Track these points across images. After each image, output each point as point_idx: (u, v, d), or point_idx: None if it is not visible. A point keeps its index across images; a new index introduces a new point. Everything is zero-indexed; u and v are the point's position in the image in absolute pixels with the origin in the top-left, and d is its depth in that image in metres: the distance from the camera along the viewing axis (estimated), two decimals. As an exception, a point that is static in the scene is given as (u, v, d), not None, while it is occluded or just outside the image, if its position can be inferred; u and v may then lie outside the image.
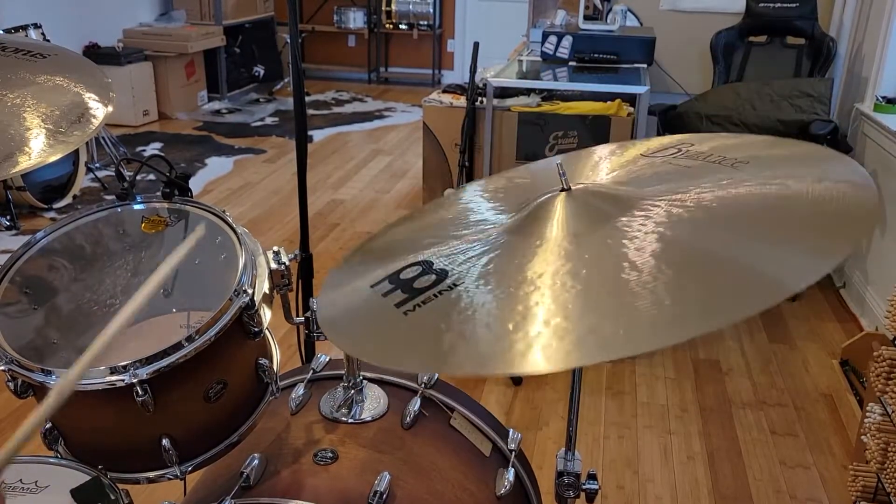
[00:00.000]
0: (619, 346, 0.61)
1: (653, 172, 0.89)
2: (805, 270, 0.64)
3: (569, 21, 4.11)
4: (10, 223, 3.88)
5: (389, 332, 0.75)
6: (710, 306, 0.62)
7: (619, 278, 0.69)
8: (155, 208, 1.14)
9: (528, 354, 0.64)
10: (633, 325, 0.63)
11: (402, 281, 0.82)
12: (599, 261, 0.72)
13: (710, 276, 0.67)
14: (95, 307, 1.01)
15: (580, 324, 0.65)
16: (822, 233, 0.69)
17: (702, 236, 0.73)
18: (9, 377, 0.95)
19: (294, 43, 1.85)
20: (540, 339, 0.65)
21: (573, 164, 1.03)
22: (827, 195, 0.75)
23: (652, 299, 0.65)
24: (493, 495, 1.07)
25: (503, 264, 0.78)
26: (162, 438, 0.95)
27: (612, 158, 1.00)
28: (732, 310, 0.61)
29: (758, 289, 0.64)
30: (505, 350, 0.65)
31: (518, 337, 0.66)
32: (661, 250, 0.71)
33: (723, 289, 0.65)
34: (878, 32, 3.42)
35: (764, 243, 0.70)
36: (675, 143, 0.98)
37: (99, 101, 1.18)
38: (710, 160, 0.88)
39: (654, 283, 0.67)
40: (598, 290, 0.68)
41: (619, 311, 0.65)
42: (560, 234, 0.79)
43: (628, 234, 0.75)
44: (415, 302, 0.77)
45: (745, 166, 0.84)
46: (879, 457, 1.99)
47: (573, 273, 0.72)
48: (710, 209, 0.77)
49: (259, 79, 6.96)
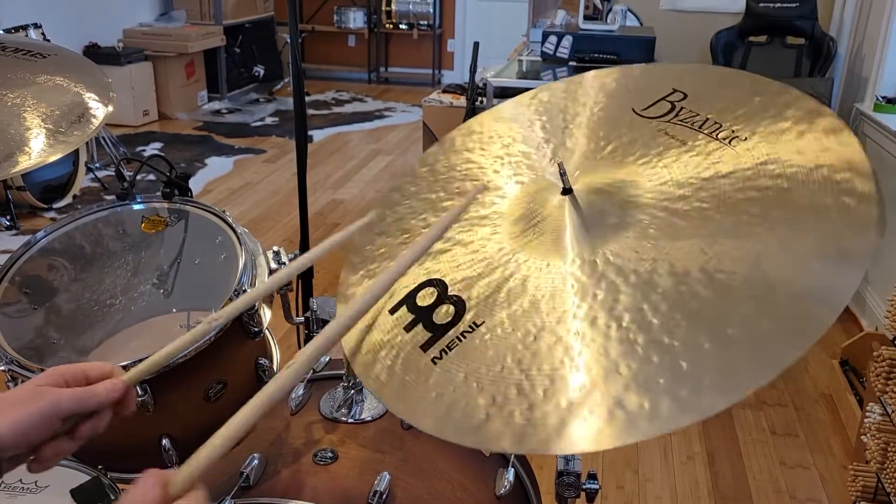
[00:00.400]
0: (645, 426, 0.59)
1: (650, 153, 0.88)
2: (838, 284, 0.62)
3: (569, 21, 4.10)
4: (10, 223, 3.88)
5: (424, 387, 0.72)
6: (729, 375, 0.60)
7: (634, 331, 0.66)
8: (155, 208, 1.14)
9: (563, 431, 0.62)
10: (655, 397, 0.61)
11: (422, 311, 0.80)
12: (613, 303, 0.70)
13: (725, 321, 0.64)
14: (95, 307, 1.01)
15: (606, 393, 0.62)
16: (845, 225, 0.67)
17: (708, 255, 0.70)
18: (9, 377, 0.95)
19: (294, 43, 1.85)
20: (572, 414, 0.63)
21: (562, 101, 1.02)
22: (828, 185, 0.73)
23: (670, 362, 0.63)
24: (493, 495, 1.07)
25: (517, 294, 0.76)
26: (162, 438, 0.95)
27: (604, 119, 0.98)
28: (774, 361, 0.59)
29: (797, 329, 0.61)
30: (538, 424, 0.63)
31: (550, 409, 0.64)
32: (673, 286, 0.69)
33: (743, 343, 0.62)
34: (878, 32, 3.42)
35: (781, 262, 0.67)
36: (667, 93, 0.95)
37: (99, 101, 1.18)
38: (706, 130, 0.86)
39: (669, 339, 0.64)
40: (617, 349, 0.66)
41: (640, 379, 0.63)
42: (569, 258, 0.77)
43: (635, 259, 0.74)
44: (440, 346, 0.74)
45: (742, 144, 0.82)
46: (879, 457, 1.99)
47: (590, 320, 0.70)
48: (713, 213, 0.76)
49: (259, 79, 6.96)
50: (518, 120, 1.06)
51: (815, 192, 0.73)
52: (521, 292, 0.76)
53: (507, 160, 1.00)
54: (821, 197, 0.72)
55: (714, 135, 0.85)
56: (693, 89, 0.94)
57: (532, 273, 0.78)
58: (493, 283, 0.79)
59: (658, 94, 0.96)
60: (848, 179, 0.73)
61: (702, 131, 0.87)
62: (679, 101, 0.93)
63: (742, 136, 0.83)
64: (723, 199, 0.77)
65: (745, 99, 0.89)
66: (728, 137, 0.84)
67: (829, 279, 0.64)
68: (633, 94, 0.99)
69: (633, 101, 0.97)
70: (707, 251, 0.71)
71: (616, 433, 0.60)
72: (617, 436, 0.59)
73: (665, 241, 0.75)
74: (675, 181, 0.82)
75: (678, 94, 0.94)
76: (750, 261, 0.69)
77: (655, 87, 0.97)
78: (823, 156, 0.77)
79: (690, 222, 0.76)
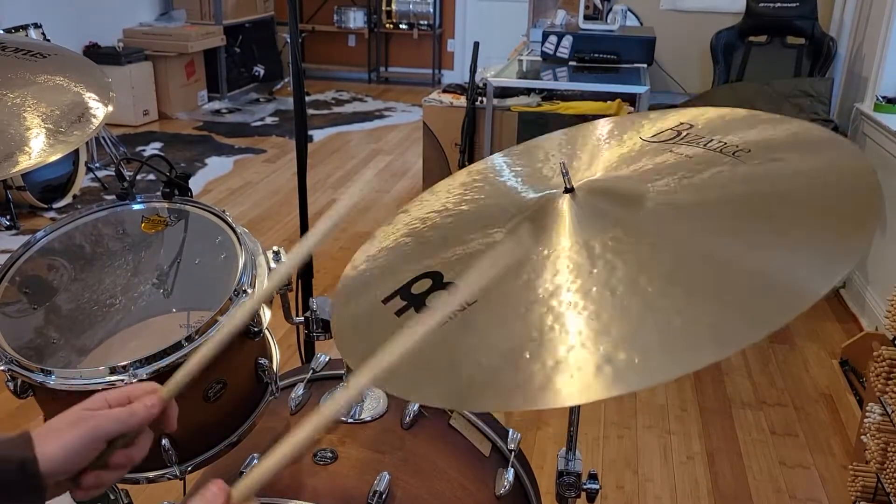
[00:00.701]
0: (635, 378, 0.60)
1: (653, 165, 0.89)
2: (824, 272, 0.63)
3: (569, 21, 4.11)
4: (9, 223, 3.88)
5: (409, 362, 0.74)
6: (722, 330, 0.61)
7: (630, 297, 0.68)
8: (155, 208, 1.14)
9: (548, 387, 0.63)
10: (646, 352, 0.62)
11: (414, 297, 0.81)
12: (608, 277, 0.71)
13: (722, 290, 0.65)
14: (95, 307, 1.01)
15: (595, 352, 0.64)
16: (837, 229, 0.68)
17: (710, 243, 0.72)
18: (8, 377, 0.95)
19: (294, 43, 1.85)
20: (559, 371, 0.64)
21: (571, 144, 1.04)
22: (831, 183, 0.74)
23: (664, 321, 0.64)
24: (493, 495, 1.07)
25: (512, 278, 0.77)
26: (161, 438, 0.95)
27: (611, 143, 1.00)
28: (746, 333, 0.60)
29: (772, 302, 0.62)
30: (525, 382, 0.64)
31: (536, 368, 0.65)
32: (672, 263, 0.70)
33: (738, 305, 0.63)
34: (878, 32, 3.42)
35: (777, 248, 0.69)
36: (674, 124, 0.97)
37: (99, 100, 1.18)
38: (710, 147, 0.87)
39: (664, 302, 0.66)
40: (610, 313, 0.67)
41: (630, 337, 0.64)
42: (567, 244, 0.78)
43: (635, 242, 0.75)
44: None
45: (746, 155, 0.83)
46: (879, 457, 1.99)
47: (583, 291, 0.71)
48: (715, 210, 0.77)
49: (259, 78, 6.96)
50: (521, 156, 1.08)
51: (816, 188, 0.75)
52: (515, 275, 0.77)
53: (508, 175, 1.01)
54: (822, 190, 0.74)
55: (718, 150, 0.87)
56: (697, 121, 0.96)
57: (529, 259, 0.79)
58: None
59: (664, 127, 0.98)
60: (850, 180, 0.75)
61: (706, 148, 0.88)
62: (685, 130, 0.95)
63: (745, 150, 0.85)
64: (724, 196, 0.78)
65: (747, 124, 0.91)
66: (732, 151, 0.85)
67: (825, 252, 0.66)
68: (639, 128, 1.00)
69: (639, 133, 0.99)
70: (709, 238, 0.73)
71: (604, 386, 0.61)
72: (605, 388, 0.61)
73: (665, 230, 0.76)
74: (677, 185, 0.83)
75: (685, 126, 0.96)
76: (750, 245, 0.70)
77: (661, 123, 0.99)
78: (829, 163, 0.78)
79: (691, 214, 0.77)
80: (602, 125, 1.06)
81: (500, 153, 1.11)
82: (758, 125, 0.91)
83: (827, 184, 0.75)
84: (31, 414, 2.45)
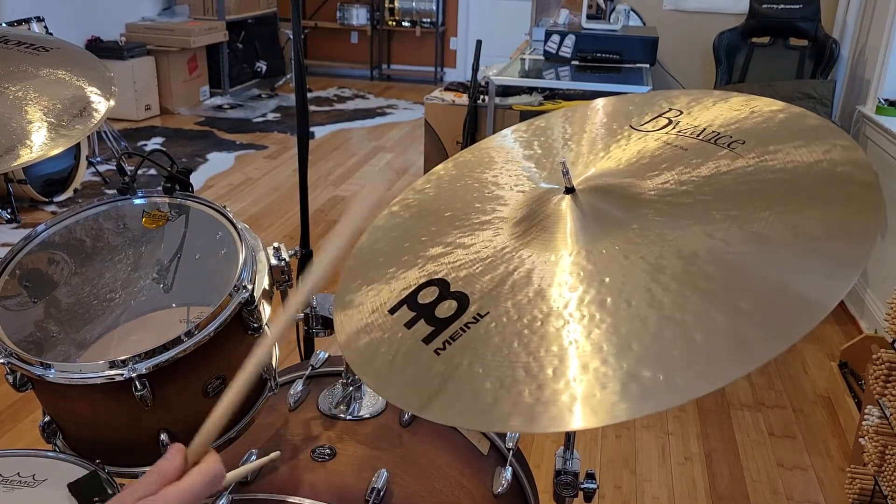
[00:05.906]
0: (663, 396, 0.59)
1: (650, 157, 0.88)
2: (835, 279, 0.62)
3: (572, 20, 4.10)
4: (10, 216, 3.88)
5: (427, 377, 0.71)
6: (743, 344, 0.60)
7: (645, 309, 0.66)
8: (156, 203, 1.14)
9: (574, 408, 0.61)
10: (670, 369, 0.60)
11: (423, 307, 0.79)
12: (622, 286, 0.70)
13: (736, 297, 0.64)
14: (95, 301, 1.01)
15: (619, 368, 0.62)
16: (842, 231, 0.67)
17: (716, 246, 0.71)
18: (8, 370, 0.95)
19: (297, 39, 1.85)
20: (583, 389, 0.62)
21: (560, 124, 1.03)
22: (830, 175, 0.73)
23: (684, 335, 0.62)
24: (490, 493, 1.07)
25: (522, 285, 0.76)
26: (160, 433, 0.95)
27: (604, 133, 0.99)
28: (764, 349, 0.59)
29: (794, 314, 0.61)
30: (549, 402, 0.62)
31: (560, 387, 0.63)
32: (681, 268, 0.69)
33: (756, 316, 0.62)
34: (880, 35, 3.42)
35: (787, 248, 0.68)
36: (664, 109, 0.96)
37: (101, 95, 1.18)
38: (704, 139, 0.87)
39: (681, 314, 0.64)
40: (628, 326, 0.66)
41: (653, 353, 0.62)
42: (574, 250, 0.77)
43: (642, 245, 0.74)
44: (443, 338, 0.73)
45: (741, 147, 0.83)
46: (877, 459, 1.99)
47: (598, 302, 0.69)
48: (716, 211, 0.76)
49: (261, 74, 6.96)
50: (517, 141, 1.08)
51: (817, 182, 0.74)
52: (525, 283, 0.76)
53: (506, 171, 1.01)
54: (823, 185, 0.73)
55: (713, 141, 0.86)
56: (687, 108, 0.96)
57: (537, 266, 0.78)
58: (496, 277, 0.79)
59: (654, 112, 0.97)
60: (849, 172, 0.74)
61: (701, 140, 0.87)
62: (675, 118, 0.94)
63: (741, 141, 0.84)
64: (725, 193, 0.78)
65: (741, 113, 0.90)
66: (727, 143, 0.84)
67: (837, 256, 0.65)
68: (629, 114, 1.00)
69: (629, 120, 0.98)
70: (713, 235, 0.72)
71: (631, 405, 0.59)
72: (633, 408, 0.59)
73: (670, 230, 0.75)
74: (676, 180, 0.82)
75: (674, 112, 0.95)
76: (757, 242, 0.69)
77: (650, 107, 0.99)
78: (823, 154, 0.78)
79: (694, 213, 0.77)
80: (590, 107, 1.06)
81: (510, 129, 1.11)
82: (740, 107, 0.90)
83: (826, 177, 0.74)
84: (30, 407, 2.45)
